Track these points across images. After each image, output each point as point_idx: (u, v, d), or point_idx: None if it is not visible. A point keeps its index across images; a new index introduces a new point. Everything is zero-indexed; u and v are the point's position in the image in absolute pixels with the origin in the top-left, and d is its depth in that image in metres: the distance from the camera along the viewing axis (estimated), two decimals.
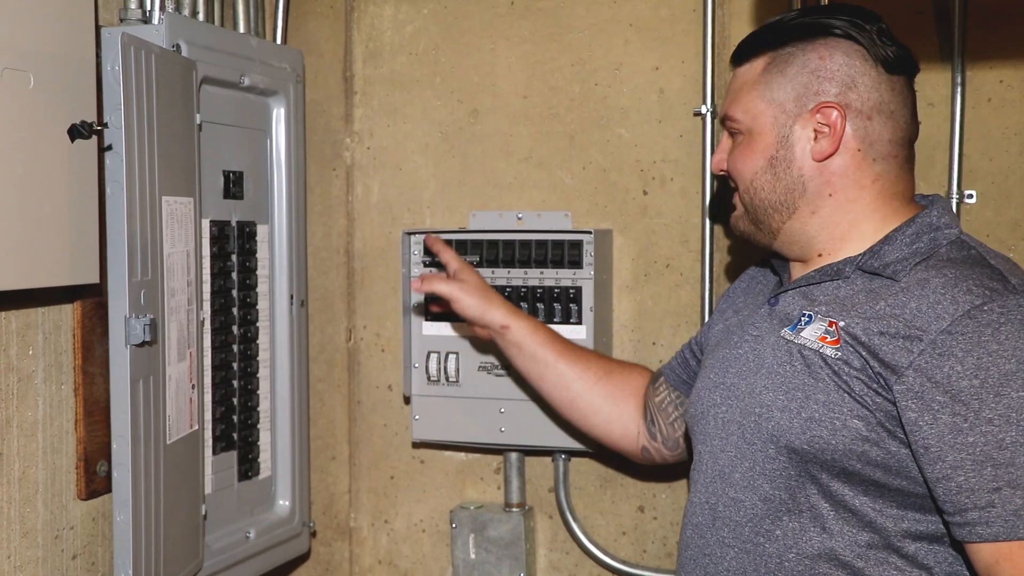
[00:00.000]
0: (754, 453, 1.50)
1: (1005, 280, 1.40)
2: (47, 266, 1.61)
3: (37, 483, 1.73)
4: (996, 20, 1.93)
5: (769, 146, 1.54)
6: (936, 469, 1.35)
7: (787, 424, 1.45)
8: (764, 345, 1.54)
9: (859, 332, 1.42)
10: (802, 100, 1.52)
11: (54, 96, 1.60)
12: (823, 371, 1.43)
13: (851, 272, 1.51)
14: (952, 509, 1.34)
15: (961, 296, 1.37)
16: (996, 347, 1.33)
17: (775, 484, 1.47)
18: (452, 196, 2.28)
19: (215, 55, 1.94)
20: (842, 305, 1.47)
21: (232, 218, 2.04)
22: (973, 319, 1.35)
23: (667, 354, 2.14)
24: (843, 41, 1.51)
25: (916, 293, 1.40)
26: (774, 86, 1.54)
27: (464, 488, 2.31)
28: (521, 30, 2.22)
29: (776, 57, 1.55)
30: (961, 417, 1.33)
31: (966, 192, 1.94)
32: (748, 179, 1.57)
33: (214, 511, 2.00)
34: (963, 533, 1.34)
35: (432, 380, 2.20)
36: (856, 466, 1.41)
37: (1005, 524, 1.30)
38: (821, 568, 1.44)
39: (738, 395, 1.54)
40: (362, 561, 2.39)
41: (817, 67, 1.52)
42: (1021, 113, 1.93)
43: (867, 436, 1.40)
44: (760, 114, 1.55)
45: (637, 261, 2.16)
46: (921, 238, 1.48)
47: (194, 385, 1.88)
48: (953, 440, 1.33)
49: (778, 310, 1.57)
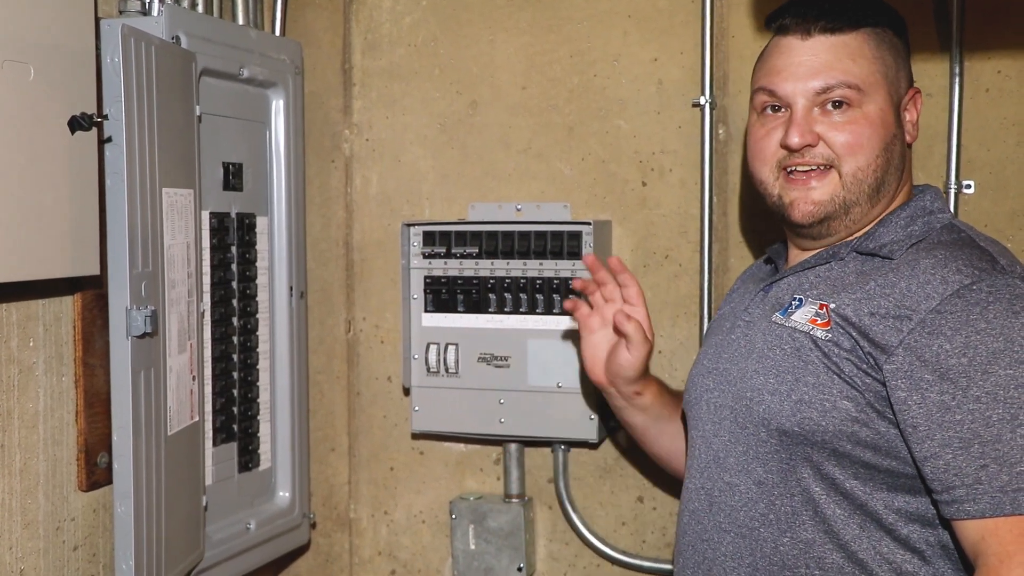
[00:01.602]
0: (747, 437, 1.51)
1: (994, 261, 1.42)
2: (47, 258, 1.61)
3: (38, 475, 1.73)
4: (994, 11, 1.93)
5: (889, 123, 1.52)
6: (924, 448, 1.36)
7: (778, 407, 1.46)
8: (755, 330, 1.55)
9: (849, 313, 1.43)
10: (905, 82, 1.57)
11: (54, 88, 1.60)
12: (813, 353, 1.44)
13: (846, 254, 1.52)
14: (940, 487, 1.35)
15: (950, 276, 1.39)
16: (984, 326, 1.34)
17: (768, 468, 1.48)
18: (451, 187, 2.28)
19: (214, 47, 1.94)
20: (832, 286, 1.49)
21: (232, 210, 2.05)
22: (962, 298, 1.36)
23: (666, 345, 2.14)
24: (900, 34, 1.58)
25: (906, 273, 1.42)
26: (887, 62, 1.53)
27: (464, 479, 2.32)
28: (520, 21, 2.22)
29: (878, 35, 1.53)
30: (949, 395, 1.34)
31: (964, 182, 1.95)
32: (871, 155, 1.50)
33: (215, 502, 2.00)
34: (950, 511, 1.35)
35: (432, 371, 2.20)
36: (846, 447, 1.42)
37: (992, 500, 1.31)
38: (815, 551, 1.45)
39: (730, 380, 1.55)
40: (362, 552, 2.40)
41: (903, 53, 1.57)
42: (1019, 103, 1.93)
43: (857, 417, 1.41)
44: (880, 87, 1.52)
45: (636, 252, 2.17)
46: (915, 221, 1.52)
47: (194, 376, 1.89)
48: (941, 418, 1.34)
49: (770, 296, 1.58)
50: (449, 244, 2.18)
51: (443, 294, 2.18)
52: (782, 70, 1.53)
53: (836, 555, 1.44)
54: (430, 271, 2.19)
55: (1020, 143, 1.94)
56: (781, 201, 1.55)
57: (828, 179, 1.52)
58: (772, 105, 1.55)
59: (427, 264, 2.19)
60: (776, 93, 1.54)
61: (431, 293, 2.19)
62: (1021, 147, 1.94)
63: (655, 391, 1.81)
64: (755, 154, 1.58)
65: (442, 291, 2.18)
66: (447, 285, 2.18)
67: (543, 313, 2.12)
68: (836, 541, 1.44)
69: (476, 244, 2.16)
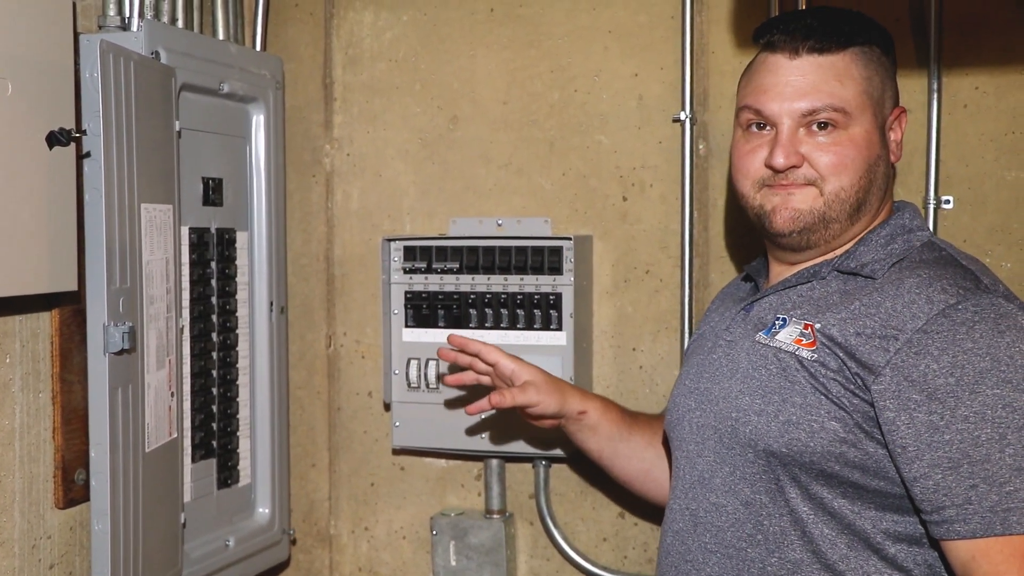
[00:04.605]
0: (733, 458, 1.50)
1: (977, 280, 1.43)
2: (25, 273, 1.60)
3: (14, 492, 1.72)
4: (971, 27, 1.94)
5: (874, 144, 1.52)
6: (913, 468, 1.36)
7: (765, 428, 1.46)
8: (738, 350, 1.54)
9: (835, 333, 1.43)
10: (891, 102, 1.57)
11: (32, 103, 1.59)
12: (799, 374, 1.44)
13: (827, 274, 1.52)
14: (929, 508, 1.35)
15: (936, 295, 1.39)
16: (971, 345, 1.35)
17: (755, 488, 1.48)
18: (432, 203, 2.28)
19: (194, 62, 1.93)
20: (816, 306, 1.49)
21: (211, 225, 2.04)
22: (948, 318, 1.37)
23: (647, 360, 2.14)
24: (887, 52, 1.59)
25: (891, 293, 1.42)
26: (875, 83, 1.54)
27: (444, 495, 2.31)
28: (500, 37, 2.22)
29: (866, 54, 1.53)
30: (938, 415, 1.34)
31: (943, 198, 1.96)
32: (855, 176, 1.50)
33: (193, 519, 1.99)
34: (940, 531, 1.35)
35: (412, 387, 2.19)
36: (834, 468, 1.42)
37: (982, 521, 1.31)
38: (803, 571, 1.44)
39: (712, 400, 1.55)
40: (342, 568, 2.39)
41: (891, 71, 1.57)
42: (996, 119, 1.95)
43: (844, 438, 1.41)
44: (866, 109, 1.52)
45: (617, 267, 2.17)
46: (895, 240, 1.52)
47: (173, 393, 1.87)
48: (930, 439, 1.34)
49: (752, 315, 1.57)
50: (430, 259, 2.17)
51: (424, 309, 2.18)
52: (768, 89, 1.53)
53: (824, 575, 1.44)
54: (411, 286, 2.19)
55: (998, 159, 1.95)
56: (763, 210, 1.55)
57: (808, 191, 1.52)
58: (757, 123, 1.55)
59: (408, 279, 2.19)
60: (762, 112, 1.54)
61: (412, 308, 2.18)
62: (999, 162, 1.95)
63: (600, 407, 1.82)
64: (738, 169, 1.58)
65: (423, 306, 2.18)
66: (428, 300, 2.18)
67: (524, 328, 2.12)
68: (824, 561, 1.43)
69: (457, 259, 2.16)
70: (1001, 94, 1.94)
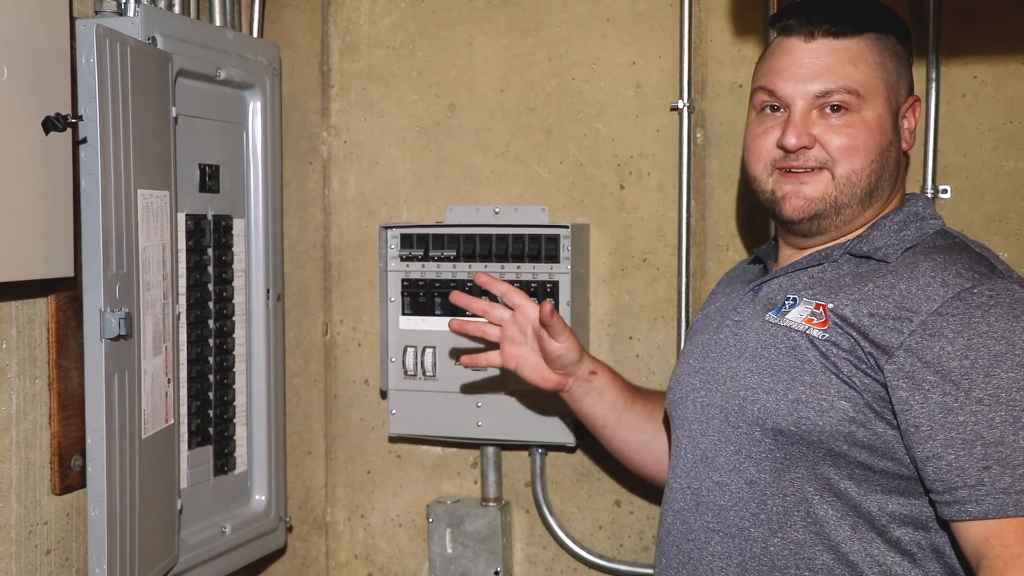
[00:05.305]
0: (739, 436, 1.50)
1: (991, 265, 1.44)
2: (21, 259, 1.60)
3: (11, 478, 1.72)
4: (970, 17, 1.94)
5: (887, 129, 1.53)
6: (926, 448, 1.36)
7: (774, 406, 1.46)
8: (747, 330, 1.55)
9: (848, 313, 1.43)
10: (905, 90, 1.58)
11: (28, 88, 1.59)
12: (810, 352, 1.44)
13: (839, 256, 1.53)
14: (942, 488, 1.36)
15: (951, 279, 1.40)
16: (986, 328, 1.36)
17: (760, 467, 1.48)
18: (429, 190, 2.27)
19: (191, 48, 1.93)
20: (828, 287, 1.49)
21: (208, 212, 2.03)
22: (963, 301, 1.38)
23: (644, 349, 2.14)
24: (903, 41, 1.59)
25: (905, 275, 1.43)
26: (889, 69, 1.54)
27: (441, 483, 2.31)
28: (498, 24, 2.21)
29: (881, 41, 1.54)
30: (952, 397, 1.35)
31: (941, 187, 1.96)
32: (866, 159, 1.51)
33: (189, 506, 1.99)
34: (952, 512, 1.35)
35: (409, 374, 2.19)
36: (843, 447, 1.42)
37: (995, 502, 1.32)
38: (806, 552, 1.44)
39: (718, 379, 1.55)
40: (338, 556, 2.39)
41: (906, 60, 1.58)
42: (995, 109, 1.94)
43: (854, 417, 1.41)
44: (879, 93, 1.53)
45: (614, 255, 2.17)
46: (908, 226, 1.54)
47: (169, 379, 1.87)
48: (943, 419, 1.35)
49: (761, 296, 1.58)
50: (427, 247, 2.17)
51: (421, 297, 2.18)
52: (783, 70, 1.54)
53: (827, 556, 1.44)
54: (407, 274, 2.19)
55: (996, 148, 1.95)
56: (774, 196, 1.56)
57: (820, 177, 1.52)
58: (771, 105, 1.56)
59: (405, 267, 2.19)
60: (776, 93, 1.55)
61: (408, 296, 2.18)
62: (997, 152, 1.95)
63: (608, 371, 1.84)
64: (751, 151, 1.59)
65: (420, 294, 2.18)
66: (425, 288, 2.17)
67: None
68: (827, 542, 1.44)
69: (454, 247, 2.15)
70: (999, 84, 1.94)
